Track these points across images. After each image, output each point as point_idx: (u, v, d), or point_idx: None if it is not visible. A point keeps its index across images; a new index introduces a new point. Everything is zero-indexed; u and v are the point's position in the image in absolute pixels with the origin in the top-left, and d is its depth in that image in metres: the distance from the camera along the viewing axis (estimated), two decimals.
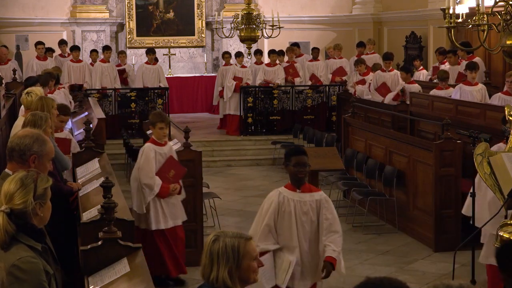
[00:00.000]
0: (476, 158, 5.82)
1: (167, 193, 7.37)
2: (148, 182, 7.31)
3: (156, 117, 7.41)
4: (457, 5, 9.63)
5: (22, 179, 3.46)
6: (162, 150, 7.45)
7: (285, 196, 5.50)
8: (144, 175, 7.34)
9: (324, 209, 5.49)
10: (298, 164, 5.44)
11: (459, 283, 2.39)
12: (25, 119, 6.13)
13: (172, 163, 7.46)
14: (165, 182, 7.35)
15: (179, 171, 7.50)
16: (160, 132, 7.39)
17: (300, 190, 5.52)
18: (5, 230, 3.35)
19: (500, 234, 5.45)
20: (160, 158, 7.41)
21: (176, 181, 7.46)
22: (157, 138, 7.45)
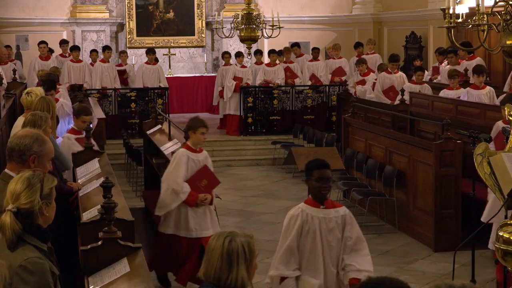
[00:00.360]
0: (476, 158, 5.81)
1: (194, 202, 7.13)
2: (174, 188, 7.09)
3: (198, 122, 7.14)
4: (457, 5, 9.65)
5: (29, 178, 3.47)
6: (196, 157, 7.21)
7: (309, 214, 5.07)
8: (172, 180, 7.13)
9: (349, 225, 5.12)
10: (321, 179, 5.02)
11: (462, 283, 2.38)
12: (25, 119, 6.13)
13: (205, 172, 7.23)
14: (195, 190, 7.12)
15: (212, 181, 7.27)
16: (201, 138, 7.14)
17: (324, 206, 5.11)
18: (13, 229, 3.35)
19: (500, 234, 5.45)
20: (193, 165, 7.18)
21: (208, 192, 7.20)
22: (195, 144, 7.18)
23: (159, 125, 10.47)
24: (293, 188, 11.93)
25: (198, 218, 7.17)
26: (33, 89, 7.65)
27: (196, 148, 7.21)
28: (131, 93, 14.96)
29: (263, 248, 7.85)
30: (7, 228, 3.35)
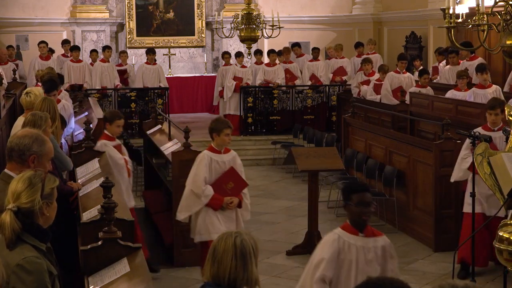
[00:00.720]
0: (476, 158, 5.82)
1: (219, 205, 6.84)
2: (195, 191, 6.84)
3: (222, 124, 6.95)
4: (457, 5, 9.64)
5: (30, 178, 3.47)
6: (220, 158, 6.95)
7: (346, 241, 4.57)
8: (192, 182, 6.89)
9: (391, 258, 4.67)
10: (361, 203, 4.57)
11: (465, 283, 2.38)
12: (25, 119, 6.13)
13: (232, 174, 6.94)
14: (221, 193, 6.84)
15: (239, 183, 6.96)
16: (226, 139, 6.89)
17: (363, 234, 4.63)
18: (12, 228, 3.36)
19: (500, 234, 5.45)
20: (217, 167, 6.92)
21: (235, 194, 6.90)
22: (219, 145, 6.95)
23: (159, 125, 10.47)
24: (293, 188, 11.93)
25: (227, 222, 6.88)
26: (32, 89, 7.64)
27: (220, 149, 6.98)
28: (131, 93, 14.96)
29: (263, 248, 7.84)
30: (7, 227, 3.36)
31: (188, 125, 8.74)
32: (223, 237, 3.32)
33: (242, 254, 3.26)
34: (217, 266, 3.26)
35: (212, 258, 3.29)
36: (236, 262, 3.25)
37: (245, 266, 3.25)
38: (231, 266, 3.25)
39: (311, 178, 8.71)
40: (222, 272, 3.26)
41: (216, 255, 3.28)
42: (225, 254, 3.26)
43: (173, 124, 10.04)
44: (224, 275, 3.25)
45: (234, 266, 3.25)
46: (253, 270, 3.28)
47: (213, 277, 3.27)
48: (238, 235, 3.31)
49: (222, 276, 3.25)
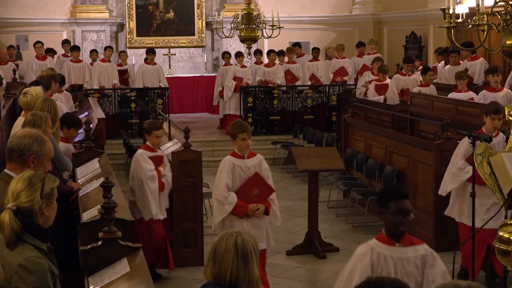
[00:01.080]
0: (476, 158, 5.82)
1: (243, 213, 6.52)
2: (218, 198, 6.55)
3: (237, 128, 6.57)
4: (457, 5, 9.63)
5: (30, 177, 3.48)
6: (244, 163, 6.61)
7: (381, 253, 4.22)
8: (215, 190, 6.60)
9: (430, 268, 4.24)
10: (399, 212, 4.21)
11: (467, 283, 2.39)
12: (25, 119, 6.13)
13: (257, 180, 6.61)
14: (245, 200, 6.52)
15: (264, 190, 6.64)
16: (242, 144, 6.55)
17: (400, 244, 4.26)
18: (12, 227, 3.36)
19: (500, 234, 5.45)
20: (241, 172, 6.59)
21: (261, 201, 6.59)
22: (239, 150, 6.62)
23: None
24: (293, 188, 11.93)
25: (253, 229, 6.47)
26: (29, 89, 7.63)
27: (243, 153, 6.64)
28: (131, 93, 14.96)
29: None
30: (6, 226, 3.36)
31: (188, 125, 8.74)
32: (223, 237, 3.32)
33: (243, 253, 3.25)
34: (218, 266, 3.26)
35: (213, 258, 3.29)
36: (237, 261, 3.24)
37: (246, 265, 3.25)
38: (232, 266, 3.24)
39: (311, 178, 8.71)
40: (224, 272, 3.25)
41: (217, 255, 3.27)
42: (226, 254, 3.25)
43: (173, 124, 10.05)
44: (226, 275, 3.25)
45: (236, 266, 3.24)
46: (254, 270, 3.28)
47: (214, 277, 3.27)
48: (238, 235, 3.31)
49: (223, 276, 3.25)
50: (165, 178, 7.66)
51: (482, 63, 13.20)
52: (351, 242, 8.85)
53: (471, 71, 12.86)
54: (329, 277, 7.78)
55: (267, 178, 6.69)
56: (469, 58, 13.31)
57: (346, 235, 9.34)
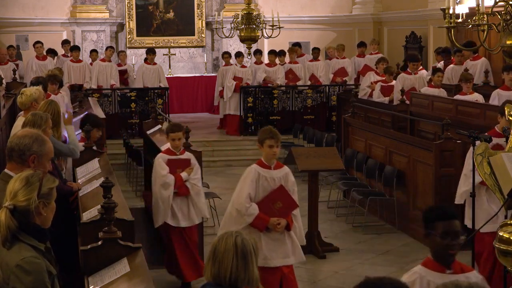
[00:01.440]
0: (476, 158, 5.81)
1: (263, 226, 6.11)
2: (237, 208, 6.15)
3: (264, 133, 6.29)
4: (457, 5, 9.60)
5: (27, 177, 3.48)
6: (270, 174, 6.21)
7: (431, 281, 3.91)
8: (235, 198, 6.21)
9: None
10: (448, 234, 3.88)
11: (468, 283, 2.38)
12: (25, 119, 6.13)
13: (281, 193, 6.19)
14: (268, 213, 6.11)
15: (288, 204, 6.22)
16: (270, 152, 6.20)
17: (451, 271, 3.91)
18: (7, 226, 3.36)
19: (500, 234, 5.45)
20: (266, 184, 6.18)
21: (283, 216, 6.16)
22: (266, 158, 6.24)
23: (159, 125, 10.47)
24: None
25: (274, 244, 6.15)
26: (25, 89, 7.64)
27: (270, 163, 6.26)
28: (131, 93, 14.96)
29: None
30: (2, 225, 3.36)
31: (188, 125, 8.74)
32: (223, 237, 3.32)
33: (243, 253, 3.25)
34: (218, 266, 3.25)
35: (213, 258, 3.28)
36: (237, 261, 3.24)
37: (246, 265, 3.25)
38: (232, 266, 3.24)
39: (311, 178, 8.72)
40: (223, 272, 3.25)
41: (216, 255, 3.27)
42: (226, 254, 3.25)
43: None
44: (225, 275, 3.25)
45: (235, 265, 3.24)
46: (254, 270, 3.28)
47: (213, 277, 3.27)
48: (238, 235, 3.31)
49: (223, 276, 3.25)
50: (190, 182, 7.36)
51: (484, 63, 13.15)
52: (351, 242, 8.85)
53: (471, 71, 12.84)
54: (329, 277, 7.78)
55: (292, 192, 6.26)
56: (471, 58, 13.27)
57: (346, 235, 9.34)
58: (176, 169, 7.30)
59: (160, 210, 7.29)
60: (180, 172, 7.31)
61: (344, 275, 7.62)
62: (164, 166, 7.26)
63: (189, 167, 7.37)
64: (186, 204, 7.39)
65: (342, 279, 7.42)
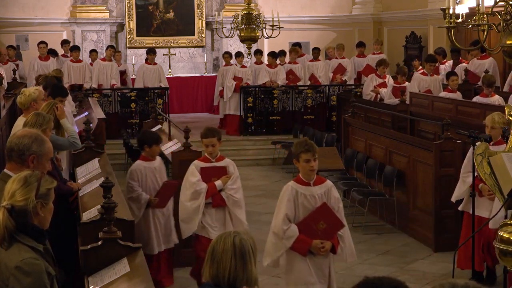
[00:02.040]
0: (476, 158, 5.81)
1: (305, 250, 5.51)
2: (274, 230, 5.60)
3: (300, 147, 5.57)
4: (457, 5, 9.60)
5: (26, 177, 3.48)
6: (309, 191, 5.61)
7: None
8: (273, 219, 5.66)
9: None
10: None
11: (465, 282, 2.38)
12: (27, 118, 6.14)
13: (325, 211, 5.58)
14: (309, 235, 5.52)
15: (333, 224, 5.58)
16: (306, 166, 5.55)
17: None
18: (5, 225, 3.35)
19: (500, 234, 5.45)
20: (305, 202, 5.58)
21: (327, 238, 5.55)
22: (303, 174, 5.63)
23: (159, 125, 10.47)
24: None
25: (316, 268, 5.59)
26: (24, 89, 7.66)
27: (309, 179, 5.63)
28: (131, 93, 14.96)
29: (262, 248, 7.84)
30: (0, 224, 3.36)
31: (188, 125, 8.74)
32: (222, 237, 3.32)
33: (242, 253, 3.25)
34: (216, 266, 3.25)
35: (211, 258, 3.28)
36: (235, 261, 3.24)
37: (245, 265, 3.25)
38: (230, 266, 3.23)
39: None
40: (222, 272, 3.25)
41: (215, 255, 3.27)
42: (224, 254, 3.25)
43: (173, 124, 10.05)
44: (224, 275, 3.24)
45: (234, 265, 3.23)
46: (252, 270, 3.28)
47: (212, 278, 3.27)
48: (237, 235, 3.30)
49: (222, 276, 3.24)
50: (226, 193, 6.80)
51: (491, 63, 12.97)
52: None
53: (479, 70, 12.72)
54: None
55: (337, 210, 5.65)
56: (478, 57, 13.12)
57: None
58: (211, 177, 6.73)
59: (188, 221, 6.76)
60: (215, 181, 6.77)
61: (344, 275, 7.62)
62: (196, 173, 6.72)
63: (225, 175, 6.81)
64: (222, 215, 6.80)
65: (342, 279, 7.41)
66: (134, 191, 7.00)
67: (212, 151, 6.74)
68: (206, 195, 6.70)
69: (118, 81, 15.25)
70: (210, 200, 6.76)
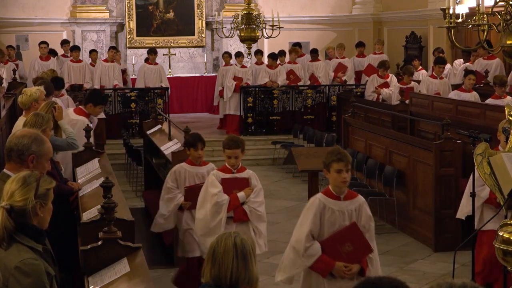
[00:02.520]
0: (476, 158, 5.81)
1: (327, 271, 5.01)
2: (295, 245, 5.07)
3: (331, 156, 5.00)
4: (457, 5, 9.59)
5: (25, 177, 3.48)
6: (338, 206, 5.02)
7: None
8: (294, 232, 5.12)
9: None
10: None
11: (462, 282, 2.39)
12: (26, 118, 6.14)
13: (353, 232, 5.00)
14: (333, 255, 4.99)
15: (360, 247, 5.04)
16: (338, 178, 4.97)
17: None
18: (4, 226, 3.35)
19: (500, 234, 5.45)
20: (332, 218, 5.01)
21: (352, 261, 5.00)
22: (334, 186, 5.06)
23: (159, 125, 10.47)
24: (293, 188, 11.93)
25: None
26: (26, 89, 7.66)
27: (339, 192, 5.04)
28: (131, 93, 14.96)
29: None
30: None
31: (188, 125, 8.74)
32: (222, 237, 3.31)
33: (243, 253, 3.25)
34: (218, 267, 3.24)
35: (212, 259, 3.27)
36: (237, 262, 3.23)
37: (246, 265, 3.25)
38: (232, 266, 3.23)
39: (311, 178, 8.72)
40: (224, 273, 3.24)
41: (216, 256, 3.26)
42: (226, 255, 3.24)
43: (173, 124, 10.04)
44: (226, 276, 3.24)
45: (236, 266, 3.23)
46: (253, 270, 3.28)
47: (213, 279, 3.26)
48: (237, 235, 3.31)
49: (224, 276, 3.24)
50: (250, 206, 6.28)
51: (499, 63, 12.82)
52: None
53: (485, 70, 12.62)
54: None
55: (368, 230, 5.11)
56: (485, 57, 13.00)
57: None
58: (232, 189, 6.25)
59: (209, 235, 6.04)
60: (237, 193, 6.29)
61: None
62: (217, 183, 6.20)
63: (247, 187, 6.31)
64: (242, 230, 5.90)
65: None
66: (171, 192, 6.85)
67: (235, 163, 6.26)
68: (228, 207, 6.20)
69: (120, 82, 15.27)
70: (231, 214, 6.26)
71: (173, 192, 6.86)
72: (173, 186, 6.87)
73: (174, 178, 6.89)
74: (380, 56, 15.85)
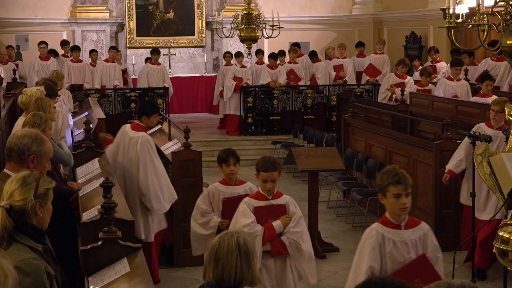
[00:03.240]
0: (476, 158, 5.82)
1: None
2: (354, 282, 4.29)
3: (387, 177, 4.29)
4: (457, 5, 9.58)
5: (24, 177, 3.48)
6: (399, 236, 4.30)
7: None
8: (352, 273, 4.37)
9: None
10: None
11: (461, 282, 2.39)
12: (25, 119, 6.14)
13: (423, 266, 4.27)
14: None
15: (431, 281, 3.92)
16: (397, 204, 4.24)
17: None
18: (3, 225, 3.35)
19: (500, 234, 5.45)
20: (394, 251, 4.27)
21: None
22: (392, 214, 4.32)
23: (159, 125, 10.46)
24: (293, 188, 11.93)
25: None
26: (26, 89, 7.65)
27: (399, 220, 4.32)
28: (131, 93, 14.96)
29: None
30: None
31: (188, 125, 8.74)
32: (224, 237, 3.30)
33: (246, 253, 3.25)
34: (221, 267, 3.23)
35: (215, 259, 3.26)
36: (241, 262, 3.22)
37: (249, 265, 3.25)
38: (236, 267, 3.22)
39: (311, 178, 8.71)
40: (228, 273, 3.23)
41: (219, 256, 3.24)
42: (229, 255, 3.23)
43: (173, 124, 10.04)
44: (230, 276, 3.23)
45: (240, 266, 3.22)
46: (255, 269, 3.28)
47: (216, 279, 3.24)
48: (239, 235, 3.30)
49: (228, 277, 3.23)
50: (288, 237, 5.43)
51: (507, 66, 12.34)
52: (351, 242, 8.83)
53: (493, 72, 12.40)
54: (329, 277, 7.78)
55: (435, 262, 4.34)
56: (493, 58, 12.71)
57: (346, 235, 9.34)
58: (267, 219, 5.48)
59: None
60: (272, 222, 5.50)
61: (344, 275, 7.61)
62: (249, 213, 5.42)
63: (284, 215, 5.54)
64: (280, 267, 5.46)
65: (342, 279, 7.40)
66: (205, 216, 5.99)
67: (271, 187, 5.57)
68: (263, 240, 5.36)
69: (121, 82, 15.27)
70: (267, 247, 5.40)
71: (207, 216, 5.99)
72: (207, 210, 6.02)
73: (208, 201, 6.05)
74: (381, 56, 15.85)
